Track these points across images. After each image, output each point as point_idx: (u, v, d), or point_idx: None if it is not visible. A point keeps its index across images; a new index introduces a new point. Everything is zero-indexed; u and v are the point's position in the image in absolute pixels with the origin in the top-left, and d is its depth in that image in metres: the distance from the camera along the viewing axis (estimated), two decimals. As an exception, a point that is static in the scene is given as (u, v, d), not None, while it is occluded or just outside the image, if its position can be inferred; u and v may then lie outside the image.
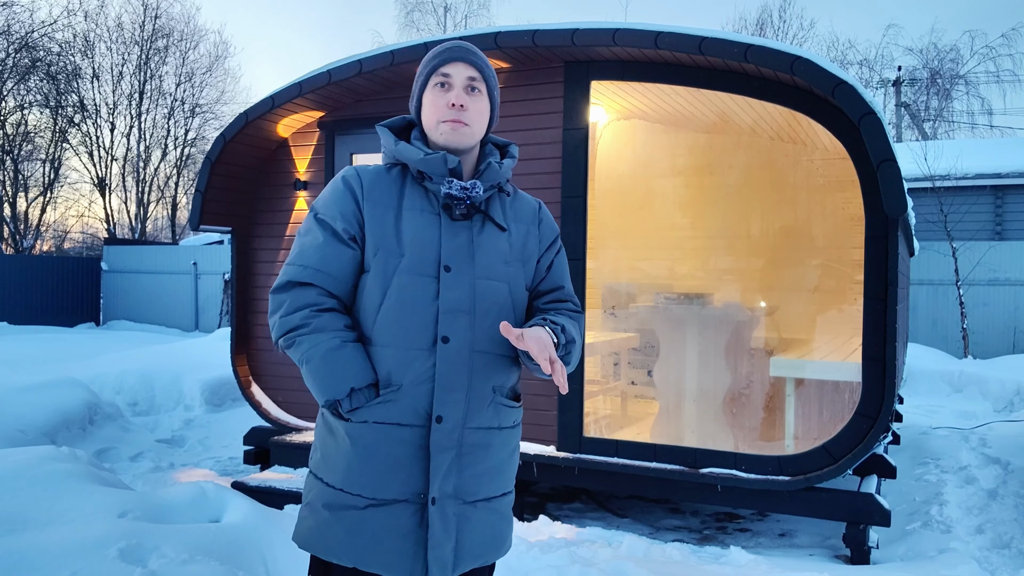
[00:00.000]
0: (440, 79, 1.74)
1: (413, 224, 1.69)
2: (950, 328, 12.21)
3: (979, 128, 24.47)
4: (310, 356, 1.64)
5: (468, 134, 1.74)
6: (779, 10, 31.73)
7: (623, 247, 6.14)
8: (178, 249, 17.55)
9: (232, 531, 3.14)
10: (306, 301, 1.67)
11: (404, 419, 1.64)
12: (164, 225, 29.96)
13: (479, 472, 1.70)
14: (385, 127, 1.81)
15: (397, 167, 1.77)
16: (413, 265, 1.66)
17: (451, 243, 1.68)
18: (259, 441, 5.76)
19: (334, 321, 1.66)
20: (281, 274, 1.72)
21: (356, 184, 1.73)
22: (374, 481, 1.63)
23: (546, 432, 4.83)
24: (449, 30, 28.58)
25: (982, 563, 3.99)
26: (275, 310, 1.70)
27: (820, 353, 5.14)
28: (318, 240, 1.70)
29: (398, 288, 1.66)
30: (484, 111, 1.78)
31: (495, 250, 1.73)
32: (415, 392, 1.64)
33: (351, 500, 1.64)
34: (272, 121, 5.49)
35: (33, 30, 21.96)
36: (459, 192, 1.69)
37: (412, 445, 1.64)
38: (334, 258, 1.68)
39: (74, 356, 10.09)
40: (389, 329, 1.66)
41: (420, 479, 1.64)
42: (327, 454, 1.69)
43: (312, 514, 1.69)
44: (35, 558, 2.60)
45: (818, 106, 4.15)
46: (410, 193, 1.73)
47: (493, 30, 4.68)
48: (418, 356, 1.64)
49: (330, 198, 1.74)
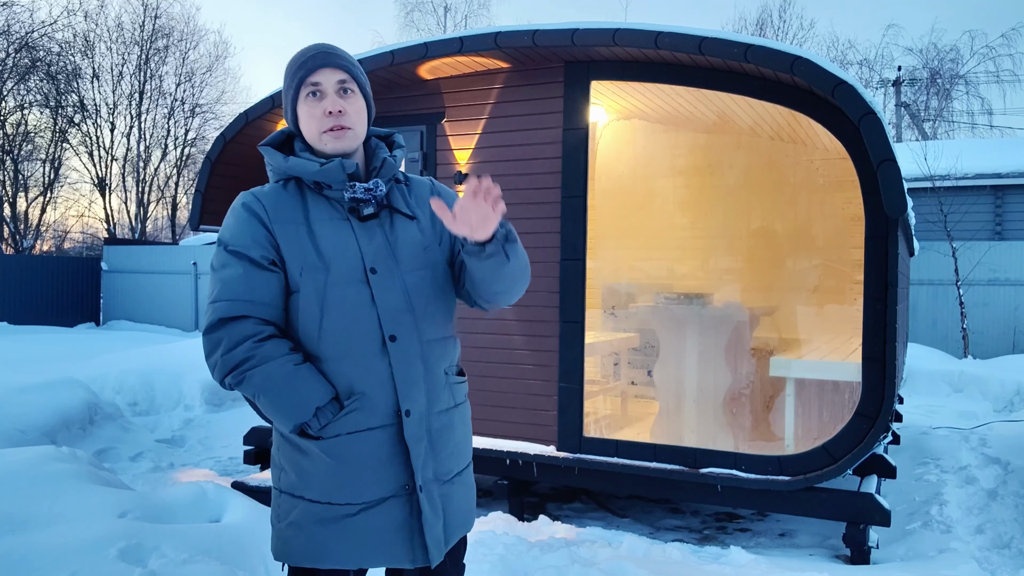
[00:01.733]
0: (310, 89, 1.73)
1: (327, 235, 1.70)
2: (950, 328, 12.21)
3: (979, 128, 24.49)
4: (265, 387, 1.65)
5: (352, 136, 1.75)
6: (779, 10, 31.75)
7: (623, 247, 6.14)
8: (178, 249, 17.55)
9: (232, 531, 3.14)
10: (244, 334, 1.65)
11: (374, 422, 1.69)
12: (164, 225, 29.95)
13: (449, 451, 1.79)
14: (267, 146, 1.80)
15: (291, 181, 1.77)
16: (341, 275, 1.68)
17: (369, 245, 1.71)
18: (259, 441, 5.76)
19: (279, 347, 1.66)
20: (210, 313, 1.68)
21: (259, 208, 1.71)
22: (361, 487, 1.67)
23: (546, 432, 4.83)
24: (449, 30, 28.58)
25: (982, 563, 3.99)
26: (213, 350, 1.67)
27: (820, 353, 5.14)
28: (238, 272, 1.67)
29: (334, 300, 1.67)
30: (362, 110, 1.77)
31: (412, 241, 1.77)
32: (379, 394, 1.68)
33: (342, 510, 1.67)
34: (272, 121, 5.49)
35: (33, 30, 21.97)
36: (363, 194, 1.72)
37: (388, 443, 1.69)
38: (260, 285, 1.68)
39: (74, 356, 10.09)
40: (337, 342, 1.68)
41: (403, 472, 1.70)
42: (303, 473, 1.70)
43: (300, 531, 1.69)
44: (35, 558, 2.60)
45: (818, 106, 4.15)
46: (313, 205, 1.73)
47: (493, 30, 4.68)
48: (373, 360, 1.68)
49: (235, 228, 1.71)
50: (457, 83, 5.10)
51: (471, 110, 5.05)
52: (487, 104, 5.00)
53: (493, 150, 4.96)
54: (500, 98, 4.97)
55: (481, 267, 1.70)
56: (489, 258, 1.68)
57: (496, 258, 1.68)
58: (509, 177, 4.87)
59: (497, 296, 1.81)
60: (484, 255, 1.67)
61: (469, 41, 4.69)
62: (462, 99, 5.09)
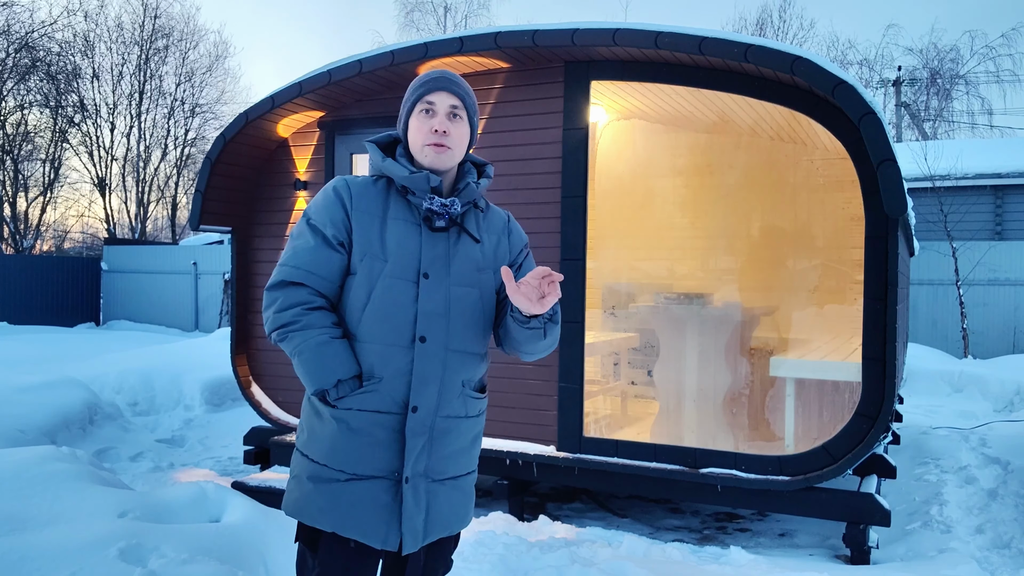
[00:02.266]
0: (425, 106, 1.93)
1: (396, 233, 1.88)
2: (950, 328, 12.21)
3: (979, 128, 24.48)
4: (301, 350, 1.82)
5: (449, 156, 1.92)
6: (779, 10, 31.75)
7: (623, 247, 6.14)
8: (178, 249, 17.55)
9: (232, 531, 3.14)
10: (298, 299, 1.84)
11: (383, 407, 1.84)
12: (164, 225, 29.96)
13: (446, 454, 1.91)
14: (373, 143, 1.99)
15: (383, 180, 1.96)
16: (395, 270, 1.85)
17: (430, 252, 1.88)
18: (259, 441, 5.76)
19: (323, 318, 1.85)
20: (275, 273, 1.89)
21: (345, 194, 1.90)
22: (354, 458, 1.83)
23: (546, 432, 4.83)
24: (449, 30, 28.58)
25: (982, 563, 3.99)
26: (269, 305, 1.87)
27: (820, 353, 5.14)
28: (309, 244, 1.87)
29: (381, 291, 1.85)
30: (465, 136, 1.96)
31: (469, 259, 1.94)
32: (394, 384, 1.84)
33: (333, 474, 1.83)
34: (272, 121, 5.49)
35: (33, 30, 21.97)
36: (439, 208, 1.89)
37: (389, 429, 1.84)
38: (324, 261, 1.87)
39: (74, 356, 10.09)
40: (373, 327, 1.85)
41: (395, 459, 1.85)
42: (313, 433, 1.88)
43: (298, 486, 1.88)
44: (35, 558, 2.61)
45: (818, 106, 4.15)
46: (394, 204, 1.92)
47: (493, 30, 4.68)
48: (398, 352, 1.84)
49: (322, 205, 1.91)
50: (457, 83, 5.09)
51: (471, 110, 5.05)
52: (487, 104, 5.00)
53: (493, 150, 4.96)
54: (500, 98, 4.97)
55: (519, 332, 1.91)
56: (530, 329, 1.89)
57: (535, 332, 1.89)
58: (509, 177, 4.87)
59: (520, 354, 2.01)
60: (528, 326, 1.88)
61: (469, 41, 4.69)
62: (462, 99, 5.08)
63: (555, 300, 1.82)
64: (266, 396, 5.81)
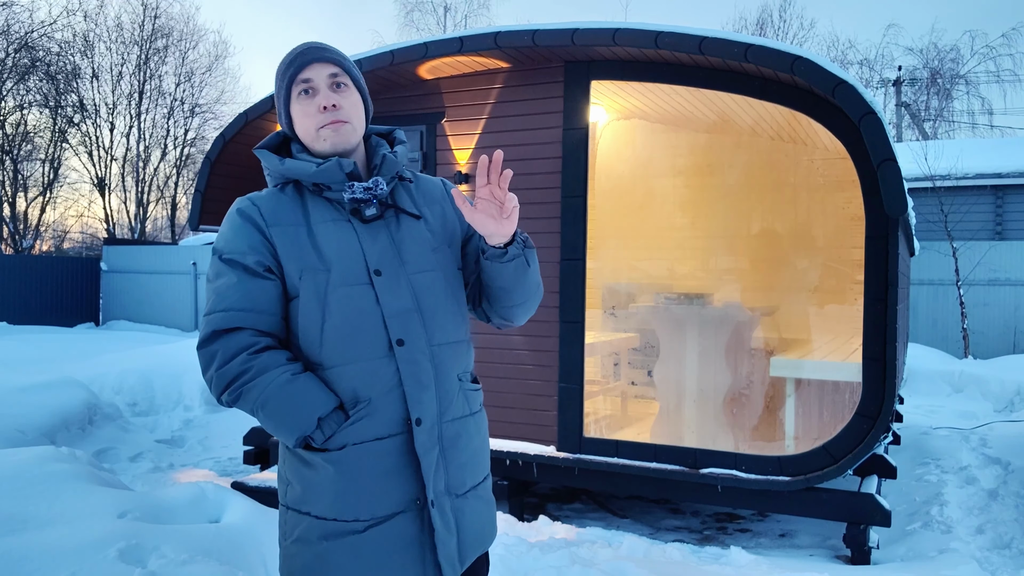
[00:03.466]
0: (302, 86, 1.67)
1: (328, 236, 1.63)
2: (950, 328, 12.21)
3: (979, 128, 24.49)
4: (264, 400, 1.55)
5: (350, 131, 1.67)
6: (779, 10, 31.78)
7: (623, 247, 6.13)
8: (178, 249, 17.55)
9: (232, 531, 3.14)
10: (240, 346, 1.57)
11: (382, 431, 1.59)
12: (164, 225, 29.96)
13: (462, 463, 1.69)
14: (263, 149, 1.73)
15: (290, 184, 1.70)
16: (344, 277, 1.60)
17: (373, 247, 1.64)
18: (259, 441, 5.75)
19: (275, 358, 1.58)
20: (204, 326, 1.60)
21: (254, 212, 1.63)
22: (368, 502, 1.58)
23: (546, 432, 4.82)
24: (449, 30, 28.58)
25: (982, 563, 3.99)
26: (208, 365, 1.58)
27: (820, 353, 5.14)
28: (232, 281, 1.59)
29: (336, 303, 1.59)
30: (358, 104, 1.70)
31: (419, 241, 1.69)
32: (386, 401, 1.59)
33: (348, 527, 1.58)
34: (272, 121, 5.49)
35: (33, 30, 21.97)
36: (363, 194, 1.64)
37: (396, 453, 1.60)
38: (256, 294, 1.59)
39: (74, 356, 10.09)
40: (341, 347, 1.59)
41: (413, 485, 1.61)
42: (308, 486, 1.61)
43: (306, 548, 1.60)
44: (35, 558, 2.60)
45: (818, 106, 4.15)
46: (313, 207, 1.66)
47: (493, 30, 4.68)
48: (379, 365, 1.59)
49: (230, 235, 1.63)
50: (457, 83, 5.10)
51: (471, 110, 5.05)
52: (487, 104, 5.00)
53: (493, 150, 4.96)
54: (500, 98, 4.97)
55: (503, 272, 1.68)
56: (512, 261, 1.66)
57: (518, 261, 1.66)
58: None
59: (515, 309, 1.78)
60: (507, 258, 1.65)
61: (469, 41, 4.69)
62: (462, 99, 5.08)
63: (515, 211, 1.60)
64: (266, 396, 5.80)
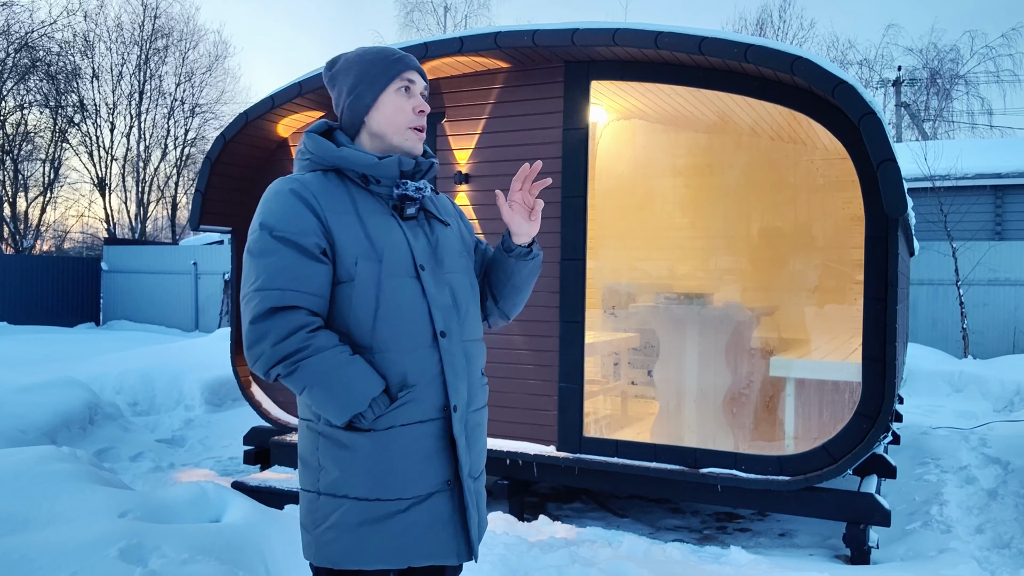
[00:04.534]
0: (406, 83, 1.77)
1: (377, 227, 1.71)
2: (950, 328, 12.21)
3: (979, 128, 24.49)
4: (320, 378, 1.61)
5: (423, 141, 1.82)
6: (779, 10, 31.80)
7: (623, 247, 6.13)
8: (178, 249, 17.55)
9: (232, 531, 3.14)
10: (297, 324, 1.62)
11: (425, 415, 1.70)
12: (164, 225, 29.95)
13: (479, 450, 1.85)
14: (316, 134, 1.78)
15: (331, 172, 1.75)
16: (394, 268, 1.69)
17: (416, 243, 1.74)
18: (259, 441, 5.76)
19: (331, 339, 1.64)
20: (257, 302, 1.63)
21: (309, 195, 1.67)
22: (410, 481, 1.68)
23: (546, 432, 4.83)
24: (449, 30, 28.57)
25: (982, 563, 3.99)
26: (259, 340, 1.63)
27: (820, 353, 5.14)
28: (287, 260, 1.63)
29: (389, 292, 1.68)
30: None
31: (451, 245, 1.83)
32: (430, 388, 1.70)
33: (392, 506, 1.66)
34: (272, 121, 5.49)
35: (33, 30, 21.97)
36: (414, 192, 1.74)
37: (434, 437, 1.71)
38: (310, 276, 1.64)
39: (74, 356, 10.09)
40: (390, 333, 1.68)
41: (447, 467, 1.73)
42: (348, 469, 1.66)
43: (344, 534, 1.65)
44: (35, 558, 2.61)
45: (818, 106, 4.15)
46: (359, 198, 1.73)
47: (493, 30, 4.68)
48: (426, 354, 1.70)
49: (284, 213, 1.66)
50: (457, 83, 5.10)
51: (471, 110, 5.05)
52: (487, 104, 5.00)
53: (493, 150, 4.96)
54: (500, 98, 4.97)
55: (523, 269, 1.88)
56: (534, 258, 1.87)
57: (537, 260, 1.88)
58: (509, 177, 4.87)
59: (517, 306, 1.98)
60: (530, 256, 1.86)
61: (469, 41, 4.69)
62: (462, 99, 5.09)
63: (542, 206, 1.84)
64: (266, 396, 5.81)
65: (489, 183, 4.97)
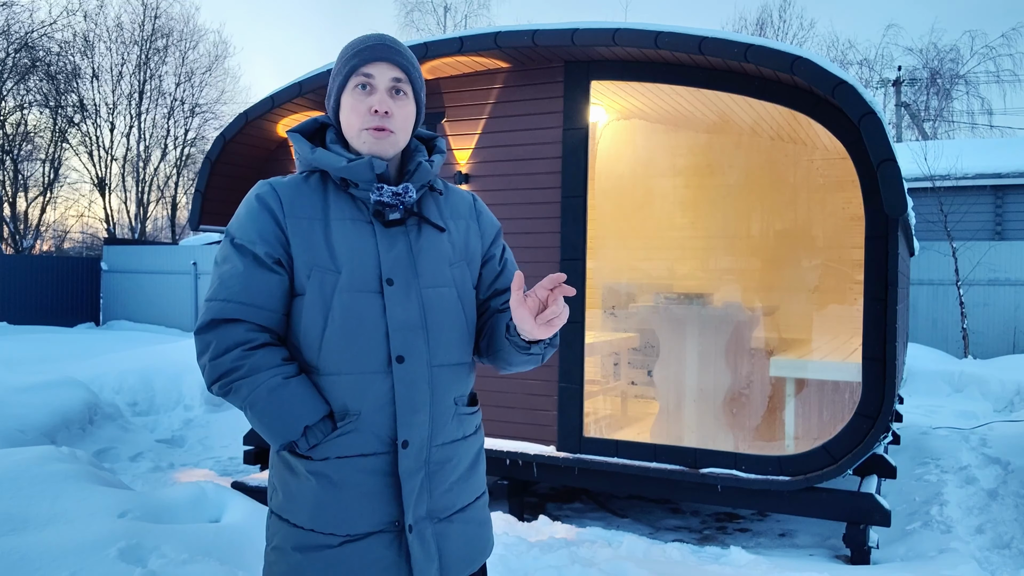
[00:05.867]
0: (362, 80, 1.59)
1: (345, 236, 1.55)
2: (950, 328, 12.21)
3: (979, 128, 24.49)
4: (252, 400, 1.51)
5: (392, 143, 1.60)
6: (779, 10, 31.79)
7: (623, 247, 6.14)
8: (178, 249, 17.55)
9: (232, 531, 3.14)
10: (235, 340, 1.51)
11: (367, 448, 1.53)
12: (164, 225, 29.96)
13: (448, 487, 1.62)
14: (297, 132, 1.65)
15: (316, 174, 1.62)
16: (353, 282, 1.53)
17: (389, 253, 1.56)
18: (259, 441, 5.75)
19: (270, 357, 1.52)
20: (203, 312, 1.54)
21: (273, 201, 1.55)
22: (345, 517, 1.53)
23: (546, 432, 4.83)
24: (449, 30, 28.58)
25: (982, 563, 3.99)
26: (202, 352, 1.53)
27: (820, 353, 5.14)
28: (238, 269, 1.53)
29: (341, 309, 1.52)
30: (410, 116, 1.63)
31: (437, 253, 1.62)
32: (376, 418, 1.53)
33: (324, 539, 1.53)
34: (272, 121, 5.49)
35: (33, 30, 21.97)
36: (391, 199, 1.56)
37: (379, 473, 1.54)
38: (259, 287, 1.52)
39: (74, 356, 10.09)
40: (337, 355, 1.53)
41: (393, 507, 1.55)
42: (290, 494, 1.57)
43: (282, 558, 1.56)
44: (35, 558, 2.61)
45: (818, 106, 4.15)
46: (335, 202, 1.58)
47: (493, 30, 4.68)
48: (374, 380, 1.53)
49: (244, 220, 1.56)
50: (457, 83, 5.10)
51: (471, 110, 5.05)
52: (487, 104, 5.00)
53: (493, 150, 4.96)
54: (500, 98, 4.97)
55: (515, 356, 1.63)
56: (529, 355, 1.61)
57: (534, 358, 1.63)
58: (509, 177, 4.87)
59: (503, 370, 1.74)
60: (528, 352, 1.60)
61: (469, 41, 4.69)
62: (462, 99, 5.09)
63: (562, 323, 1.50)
64: (266, 396, 5.81)
65: (489, 183, 4.97)
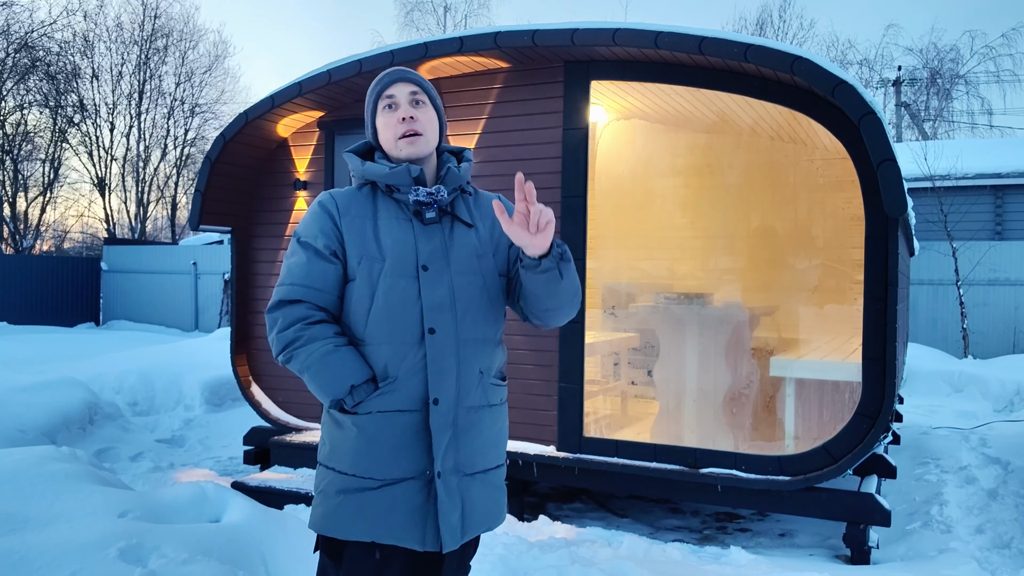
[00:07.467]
0: (387, 101, 1.95)
1: (390, 231, 1.88)
2: (950, 328, 12.21)
3: (979, 128, 24.49)
4: (308, 364, 1.82)
5: (424, 142, 1.93)
6: (779, 10, 31.79)
7: (623, 247, 6.13)
8: (178, 249, 17.55)
9: (232, 531, 3.14)
10: (297, 316, 1.85)
11: (404, 406, 1.83)
12: (164, 225, 29.96)
13: (475, 448, 1.89)
14: (351, 153, 2.01)
15: (367, 186, 1.97)
16: (395, 268, 1.85)
17: (426, 245, 1.88)
18: (259, 441, 5.76)
19: (324, 330, 1.84)
20: (273, 295, 1.90)
21: (331, 205, 1.92)
22: (382, 463, 1.82)
23: (546, 432, 4.83)
24: (449, 30, 28.57)
25: (982, 563, 3.99)
26: (271, 328, 1.88)
27: (820, 353, 5.14)
28: (302, 260, 1.88)
29: (384, 290, 1.84)
30: (433, 120, 1.97)
31: (467, 247, 1.93)
32: (411, 381, 1.83)
33: (363, 483, 1.82)
34: (272, 121, 5.49)
35: (33, 30, 21.97)
36: (426, 197, 1.89)
37: (413, 428, 1.83)
38: (318, 274, 1.87)
39: (74, 356, 10.09)
40: (380, 328, 1.84)
41: (423, 458, 1.83)
42: (335, 445, 1.87)
43: (325, 500, 1.85)
44: (35, 558, 2.60)
45: (818, 106, 4.15)
46: (383, 205, 1.93)
47: (493, 30, 4.68)
48: (410, 349, 1.84)
49: (309, 221, 1.92)
50: (457, 83, 5.10)
51: (471, 110, 5.05)
52: (487, 104, 5.00)
53: (493, 150, 4.96)
54: (500, 98, 4.97)
55: (536, 281, 1.84)
56: (544, 272, 1.81)
57: (550, 274, 1.81)
58: (509, 177, 4.87)
59: (548, 314, 1.94)
60: (540, 269, 1.81)
61: (469, 41, 4.69)
62: (462, 99, 5.09)
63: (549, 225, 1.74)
64: (266, 396, 5.81)
65: (489, 183, 4.97)
